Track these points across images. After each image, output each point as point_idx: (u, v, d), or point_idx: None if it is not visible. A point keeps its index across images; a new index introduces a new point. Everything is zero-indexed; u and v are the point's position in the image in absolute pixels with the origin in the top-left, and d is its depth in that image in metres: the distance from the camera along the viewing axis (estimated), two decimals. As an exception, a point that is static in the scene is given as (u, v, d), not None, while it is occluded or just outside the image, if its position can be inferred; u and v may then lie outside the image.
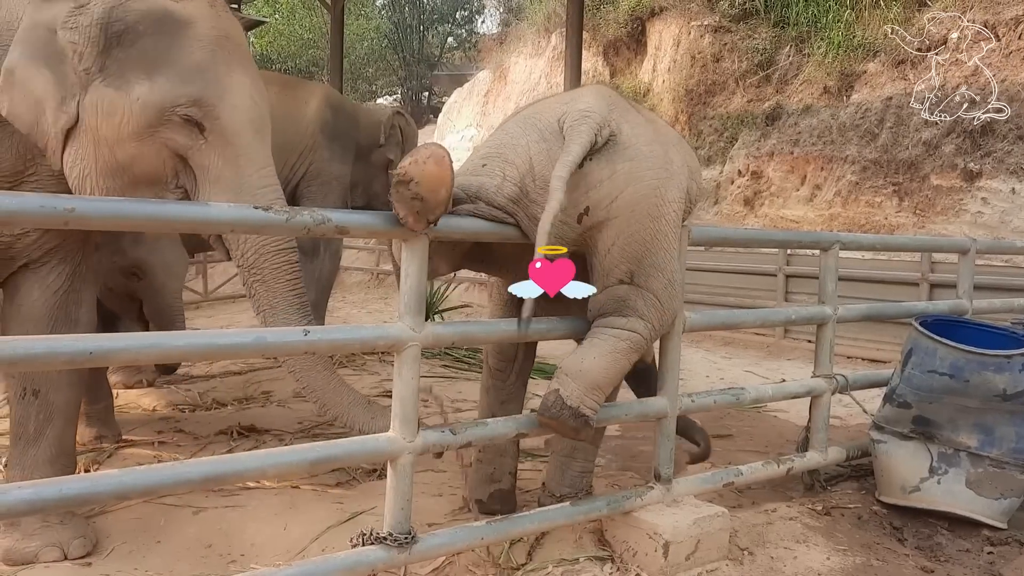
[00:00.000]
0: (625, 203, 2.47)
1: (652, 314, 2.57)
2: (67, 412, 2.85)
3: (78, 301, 2.86)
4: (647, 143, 2.55)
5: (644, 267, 2.53)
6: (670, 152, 2.62)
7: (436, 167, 2.11)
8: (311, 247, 5.75)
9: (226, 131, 2.44)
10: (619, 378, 2.65)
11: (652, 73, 13.24)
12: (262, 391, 5.05)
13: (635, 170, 2.48)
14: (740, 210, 10.15)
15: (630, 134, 2.53)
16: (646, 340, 2.60)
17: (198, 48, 2.41)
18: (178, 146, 2.43)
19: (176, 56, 2.38)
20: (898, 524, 3.26)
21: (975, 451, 3.22)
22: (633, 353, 2.58)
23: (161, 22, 2.39)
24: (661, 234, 2.54)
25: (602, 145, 2.46)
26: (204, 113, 2.40)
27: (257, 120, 2.53)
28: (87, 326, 2.88)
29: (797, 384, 3.55)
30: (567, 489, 3.06)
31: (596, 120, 2.46)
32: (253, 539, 2.89)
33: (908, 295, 6.97)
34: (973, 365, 3.15)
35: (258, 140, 2.52)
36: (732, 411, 4.85)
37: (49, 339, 1.89)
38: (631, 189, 2.47)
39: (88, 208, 1.85)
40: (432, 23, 28.35)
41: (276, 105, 5.38)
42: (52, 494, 1.81)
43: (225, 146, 2.44)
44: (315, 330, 2.20)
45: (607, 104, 2.56)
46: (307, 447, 2.21)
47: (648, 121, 2.70)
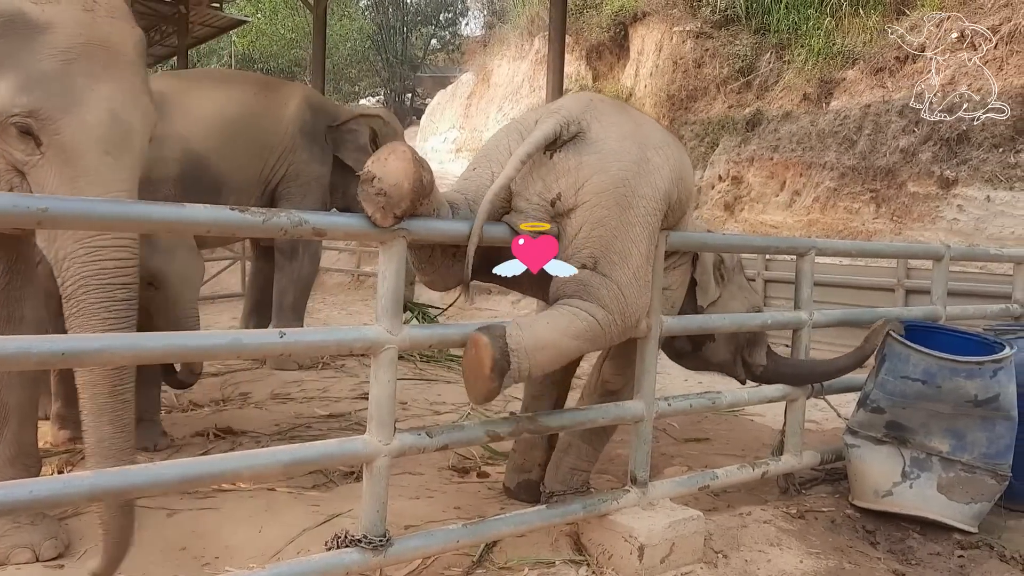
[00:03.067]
0: (591, 190, 2.53)
1: (614, 305, 2.54)
2: (22, 411, 2.79)
3: (19, 298, 2.81)
4: (618, 140, 2.61)
5: (609, 255, 2.54)
6: (648, 153, 2.65)
7: (396, 160, 2.15)
8: (290, 248, 5.73)
9: (66, 148, 2.22)
10: (559, 357, 2.54)
11: (634, 78, 13.31)
12: (239, 393, 5.03)
13: (602, 161, 2.56)
14: (720, 215, 10.22)
15: (600, 131, 2.60)
16: (603, 330, 2.54)
17: (49, 56, 2.21)
18: (14, 159, 2.27)
19: (20, 61, 2.20)
20: (871, 528, 3.30)
21: (947, 456, 3.26)
22: (585, 338, 2.52)
23: (10, 24, 2.22)
24: (628, 224, 2.56)
25: (569, 139, 2.56)
26: (41, 126, 2.21)
27: (113, 138, 2.27)
28: (33, 323, 2.80)
29: (773, 388, 3.58)
30: (559, 486, 3.10)
31: (563, 116, 2.58)
32: (228, 541, 2.88)
33: (884, 300, 7.04)
34: (945, 371, 3.20)
35: (108, 160, 2.25)
36: (709, 415, 4.88)
37: (21, 339, 1.87)
38: (597, 178, 2.53)
39: (62, 208, 1.83)
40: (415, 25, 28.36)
41: (254, 106, 5.37)
42: (23, 495, 1.79)
43: (63, 164, 2.23)
44: (291, 332, 2.19)
45: (582, 105, 2.66)
46: (282, 449, 2.21)
47: (635, 124, 2.74)
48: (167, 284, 3.43)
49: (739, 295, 3.44)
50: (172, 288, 3.44)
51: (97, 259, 2.20)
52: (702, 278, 3.28)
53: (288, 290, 5.82)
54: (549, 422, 2.81)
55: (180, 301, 3.46)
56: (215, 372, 5.46)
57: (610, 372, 3.14)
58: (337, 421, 4.43)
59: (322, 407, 4.71)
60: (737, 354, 3.45)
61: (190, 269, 3.55)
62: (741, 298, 3.43)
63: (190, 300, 3.51)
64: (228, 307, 8.84)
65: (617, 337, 2.66)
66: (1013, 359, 3.28)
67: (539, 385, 3.40)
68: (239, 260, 10.04)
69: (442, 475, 3.65)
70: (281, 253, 5.80)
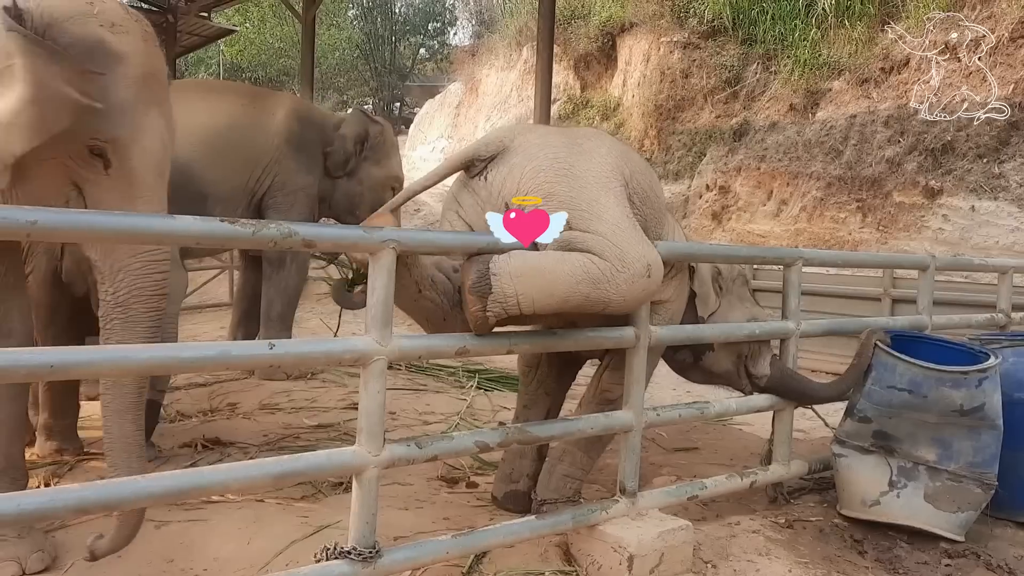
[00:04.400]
0: (529, 179, 2.63)
1: (608, 252, 2.49)
2: (10, 425, 2.79)
3: (7, 311, 2.81)
4: (540, 138, 2.78)
5: (576, 212, 2.56)
6: (577, 140, 2.82)
7: None
8: (277, 258, 5.72)
9: (131, 172, 2.45)
10: (553, 289, 2.46)
11: (622, 88, 13.38)
12: (227, 403, 5.00)
13: (528, 156, 2.68)
14: (708, 224, 10.27)
15: (521, 140, 2.76)
16: (603, 273, 2.48)
17: (124, 86, 2.40)
18: (78, 176, 2.43)
19: (104, 90, 2.35)
20: (859, 537, 3.31)
21: (934, 465, 3.27)
22: (583, 277, 2.45)
23: (95, 50, 2.35)
24: (580, 187, 2.61)
25: (491, 157, 2.72)
26: (114, 151, 2.41)
27: (163, 163, 2.57)
28: (22, 335, 2.82)
29: (761, 398, 3.59)
30: (551, 494, 3.11)
31: (482, 139, 2.83)
32: (216, 554, 2.86)
33: (871, 310, 7.07)
34: (931, 381, 3.22)
35: (160, 182, 2.56)
36: (698, 424, 4.89)
37: (10, 352, 1.86)
38: (528, 167, 2.65)
39: (51, 220, 1.83)
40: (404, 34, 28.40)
41: (241, 116, 5.39)
42: (10, 508, 1.78)
43: (127, 186, 2.45)
44: (280, 343, 2.19)
45: (506, 130, 2.89)
46: (272, 461, 2.20)
47: (560, 132, 3.00)
48: None
49: (739, 306, 3.46)
50: None
51: (150, 272, 2.44)
52: (700, 289, 3.31)
53: (275, 300, 5.80)
54: (539, 432, 2.82)
55: None
56: (203, 382, 5.44)
57: (610, 381, 3.14)
58: (326, 432, 4.41)
59: (311, 417, 4.69)
60: (739, 364, 3.47)
61: (172, 282, 3.52)
62: (741, 309, 3.46)
63: (171, 314, 3.49)
64: (216, 317, 8.79)
65: (626, 285, 2.52)
66: (998, 368, 3.31)
67: (531, 393, 3.42)
68: (227, 270, 10.01)
69: (431, 485, 3.64)
70: (268, 263, 5.78)
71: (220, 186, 5.23)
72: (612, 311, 2.61)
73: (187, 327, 8.61)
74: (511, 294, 2.42)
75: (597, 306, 2.53)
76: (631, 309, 2.74)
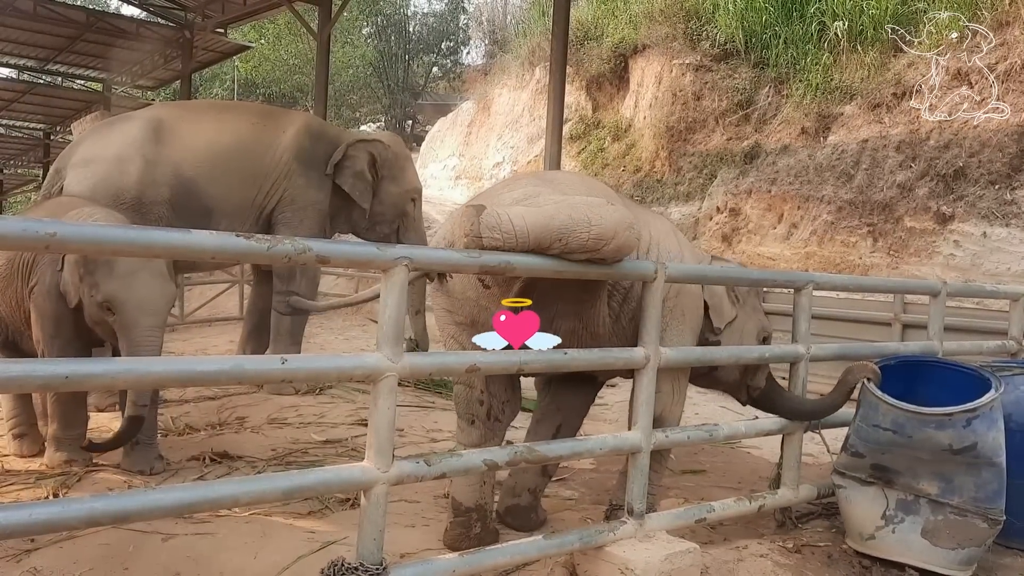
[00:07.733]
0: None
1: (577, 215, 2.53)
2: None
3: None
4: None
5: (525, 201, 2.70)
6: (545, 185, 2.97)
7: None
8: (288, 273, 5.75)
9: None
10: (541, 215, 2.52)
11: (634, 109, 13.43)
12: (236, 417, 5.01)
13: None
14: (718, 246, 10.25)
15: None
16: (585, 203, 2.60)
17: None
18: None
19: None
20: (867, 564, 3.28)
21: (936, 498, 3.16)
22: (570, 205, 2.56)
23: None
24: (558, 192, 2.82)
25: None
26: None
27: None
28: None
29: (770, 421, 3.58)
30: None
31: None
32: (223, 568, 2.86)
33: (881, 335, 7.04)
34: (914, 423, 3.13)
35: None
36: (706, 447, 4.88)
37: (25, 363, 1.88)
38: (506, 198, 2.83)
39: (69, 232, 1.85)
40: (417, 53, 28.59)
41: (248, 134, 5.51)
42: (21, 519, 1.79)
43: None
44: (292, 358, 2.20)
45: None
46: (281, 475, 2.21)
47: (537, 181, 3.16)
48: (123, 309, 3.48)
49: (753, 317, 3.52)
50: (127, 313, 3.48)
51: None
52: (712, 300, 3.34)
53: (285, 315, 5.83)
54: (547, 452, 2.81)
55: (136, 326, 3.47)
56: (212, 396, 5.46)
57: None
58: (334, 447, 4.41)
59: (319, 433, 4.70)
60: (745, 376, 3.52)
61: (151, 294, 3.54)
62: (756, 320, 3.52)
63: (149, 325, 3.49)
64: (226, 330, 8.83)
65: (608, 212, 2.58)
66: (995, 403, 3.16)
67: (543, 408, 3.47)
68: (237, 283, 10.06)
69: (438, 503, 3.63)
70: (279, 278, 5.81)
71: (225, 200, 5.35)
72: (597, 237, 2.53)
73: (196, 340, 8.65)
74: (504, 216, 2.48)
75: (580, 228, 2.50)
76: (615, 239, 2.57)
